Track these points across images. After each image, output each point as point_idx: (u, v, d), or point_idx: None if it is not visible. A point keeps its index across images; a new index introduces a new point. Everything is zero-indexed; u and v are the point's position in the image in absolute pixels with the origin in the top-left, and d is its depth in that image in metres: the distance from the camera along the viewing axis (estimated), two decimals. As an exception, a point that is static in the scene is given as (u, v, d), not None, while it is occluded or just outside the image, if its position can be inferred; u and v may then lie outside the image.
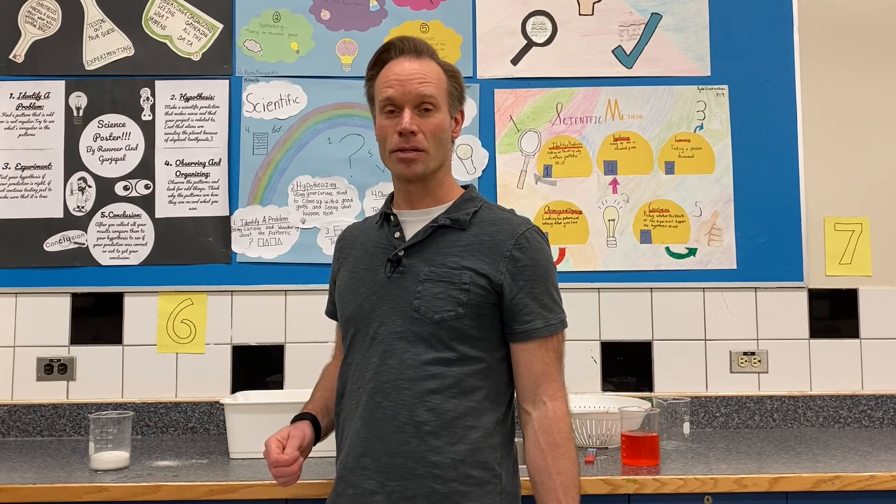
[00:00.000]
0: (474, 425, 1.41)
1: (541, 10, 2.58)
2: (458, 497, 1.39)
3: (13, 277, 2.47)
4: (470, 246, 1.47)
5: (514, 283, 1.45)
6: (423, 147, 1.46)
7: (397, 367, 1.43)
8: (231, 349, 2.48)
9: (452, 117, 1.54)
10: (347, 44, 2.55)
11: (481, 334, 1.45)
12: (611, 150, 2.55)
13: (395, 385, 1.42)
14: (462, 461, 1.40)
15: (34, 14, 2.54)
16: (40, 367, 2.45)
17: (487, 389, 1.45)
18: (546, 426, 1.43)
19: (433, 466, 1.39)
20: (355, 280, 1.54)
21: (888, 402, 2.48)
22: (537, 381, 1.45)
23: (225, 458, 2.09)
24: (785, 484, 1.83)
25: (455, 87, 1.54)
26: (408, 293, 1.45)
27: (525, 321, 1.45)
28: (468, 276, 1.43)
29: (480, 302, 1.44)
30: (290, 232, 2.51)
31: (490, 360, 1.46)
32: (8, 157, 2.51)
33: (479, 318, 1.44)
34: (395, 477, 1.40)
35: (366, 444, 1.43)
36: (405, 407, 1.41)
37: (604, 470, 1.91)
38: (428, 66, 1.49)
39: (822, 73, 2.58)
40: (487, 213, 1.52)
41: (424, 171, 1.48)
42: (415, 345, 1.43)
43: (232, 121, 2.53)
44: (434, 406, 1.40)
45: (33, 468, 2.00)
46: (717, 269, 2.52)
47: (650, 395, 2.45)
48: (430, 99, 1.47)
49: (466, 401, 1.42)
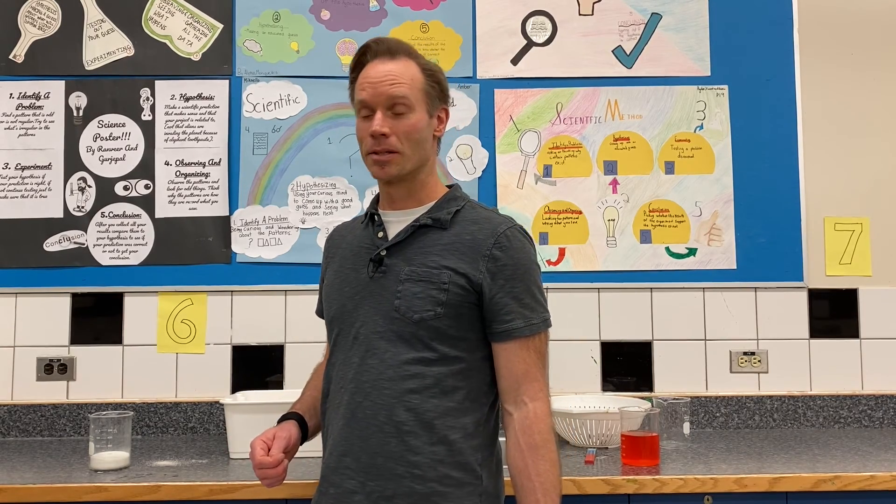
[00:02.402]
0: (454, 426, 1.41)
1: (541, 10, 2.58)
2: (437, 497, 1.38)
3: (13, 277, 2.47)
4: (450, 245, 1.46)
5: (493, 283, 1.43)
6: (395, 149, 1.45)
7: (377, 367, 1.43)
8: (231, 349, 2.48)
9: (433, 116, 1.51)
10: (347, 44, 2.55)
11: (461, 334, 1.44)
12: (611, 150, 2.55)
13: (375, 385, 1.42)
14: (441, 461, 1.39)
15: (34, 14, 2.54)
16: (40, 367, 2.45)
17: (468, 390, 1.44)
18: (526, 427, 1.42)
19: (413, 466, 1.39)
20: (340, 280, 1.54)
21: (888, 402, 2.48)
22: (518, 381, 1.44)
23: (225, 458, 2.09)
24: (785, 484, 1.83)
25: (433, 86, 1.51)
26: (389, 293, 1.44)
27: (505, 321, 1.43)
28: (447, 275, 1.43)
29: (460, 301, 1.43)
30: (290, 232, 2.51)
31: (471, 360, 1.45)
32: (8, 157, 2.51)
33: (458, 318, 1.43)
34: (375, 477, 1.40)
35: (347, 443, 1.43)
36: (385, 407, 1.41)
37: (604, 470, 1.91)
38: (402, 66, 1.47)
39: (822, 73, 2.58)
40: (470, 213, 1.51)
41: (399, 173, 1.47)
42: (395, 344, 1.43)
43: (232, 121, 2.53)
44: (413, 406, 1.40)
45: (33, 468, 2.00)
46: (717, 269, 2.52)
47: (650, 395, 2.45)
48: (402, 100, 1.45)
49: (446, 401, 1.41)
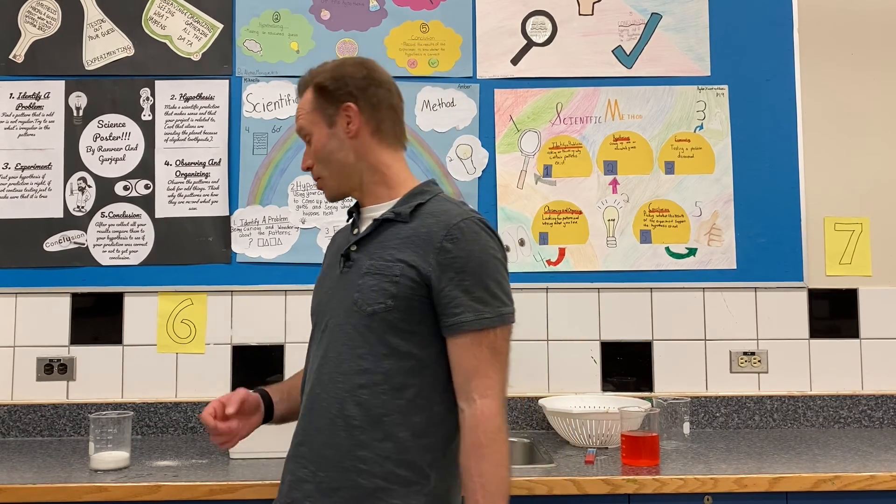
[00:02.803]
0: (403, 423, 1.39)
1: (541, 10, 2.58)
2: (381, 493, 1.37)
3: (13, 277, 2.47)
4: (407, 238, 1.44)
5: (442, 275, 1.40)
6: (318, 175, 1.54)
7: (334, 360, 1.44)
8: (231, 349, 2.48)
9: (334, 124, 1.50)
10: (347, 44, 2.55)
11: (412, 327, 1.41)
12: (611, 150, 2.55)
13: (331, 378, 1.44)
14: (388, 458, 1.38)
15: (34, 14, 2.54)
16: (40, 367, 2.45)
17: (419, 387, 1.41)
18: (473, 425, 1.37)
19: (359, 461, 1.39)
20: (322, 276, 1.61)
21: (888, 402, 2.48)
22: (468, 377, 1.39)
23: (225, 458, 2.09)
24: (785, 484, 1.83)
25: (322, 96, 1.51)
26: (352, 287, 1.45)
27: (454, 314, 1.39)
28: (399, 268, 1.41)
29: (410, 294, 1.40)
30: (289, 232, 2.51)
31: (422, 356, 1.42)
32: (8, 157, 2.51)
33: (409, 312, 1.41)
34: (325, 468, 1.41)
35: (304, 433, 1.46)
36: (337, 400, 1.42)
37: (604, 470, 1.91)
38: (304, 98, 1.54)
39: (822, 73, 2.58)
40: (433, 206, 1.47)
41: (335, 193, 1.55)
42: (352, 338, 1.43)
43: (232, 121, 2.53)
44: (363, 401, 1.40)
45: (33, 468, 2.00)
46: (717, 269, 2.52)
47: (650, 395, 2.45)
48: (304, 132, 1.54)
49: (396, 398, 1.40)
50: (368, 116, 1.50)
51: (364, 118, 1.50)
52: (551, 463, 2.00)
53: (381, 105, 1.52)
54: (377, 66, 1.56)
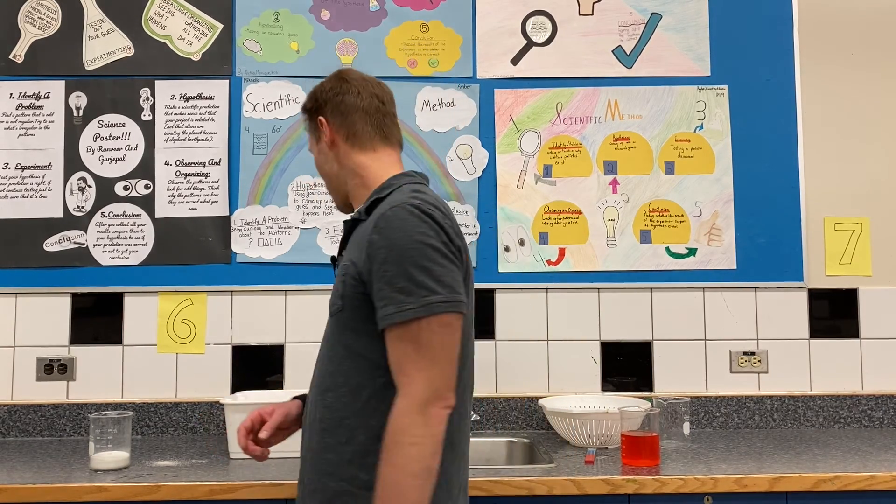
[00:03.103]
0: (362, 426, 1.36)
1: (541, 10, 2.58)
2: (347, 497, 1.36)
3: (13, 277, 2.47)
4: (358, 237, 1.43)
5: (371, 269, 1.33)
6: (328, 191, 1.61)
7: (318, 364, 1.49)
8: (231, 349, 2.48)
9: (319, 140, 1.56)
10: (347, 44, 2.55)
11: (359, 326, 1.38)
12: (611, 150, 2.55)
13: (314, 381, 1.48)
14: (350, 462, 1.36)
15: (34, 14, 2.54)
16: (40, 367, 2.45)
17: (373, 389, 1.36)
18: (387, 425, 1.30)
19: (327, 464, 1.39)
20: None
21: (888, 402, 2.48)
22: (395, 374, 1.32)
23: (225, 458, 2.09)
24: (785, 484, 1.83)
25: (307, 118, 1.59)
26: None
27: (379, 308, 1.32)
28: (345, 267, 1.41)
29: (353, 293, 1.38)
30: (289, 232, 2.51)
31: (373, 356, 1.36)
32: (8, 157, 2.51)
33: (355, 311, 1.38)
34: (307, 470, 1.45)
35: (303, 437, 1.50)
36: (314, 404, 1.45)
37: (604, 470, 1.91)
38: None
39: (822, 73, 2.58)
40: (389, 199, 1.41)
41: (338, 204, 1.60)
42: (327, 341, 1.47)
43: (232, 121, 2.53)
44: (329, 404, 1.41)
45: (33, 468, 2.00)
46: (717, 269, 2.52)
47: (650, 395, 2.45)
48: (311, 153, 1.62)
49: (354, 400, 1.37)
50: (339, 124, 1.53)
51: (334, 127, 1.53)
52: (551, 463, 2.00)
53: (349, 110, 1.53)
54: (352, 73, 1.59)
